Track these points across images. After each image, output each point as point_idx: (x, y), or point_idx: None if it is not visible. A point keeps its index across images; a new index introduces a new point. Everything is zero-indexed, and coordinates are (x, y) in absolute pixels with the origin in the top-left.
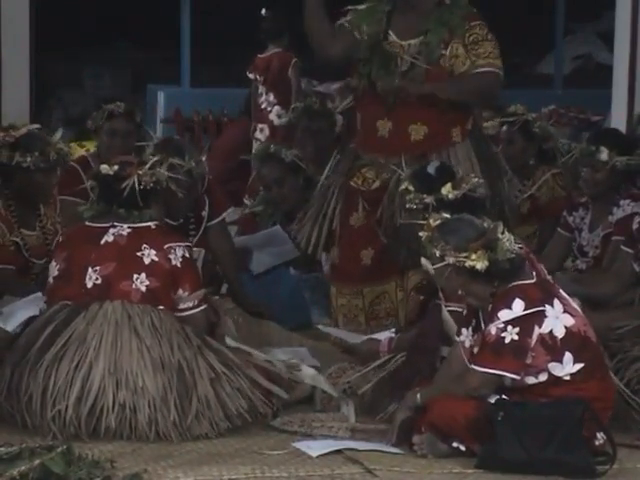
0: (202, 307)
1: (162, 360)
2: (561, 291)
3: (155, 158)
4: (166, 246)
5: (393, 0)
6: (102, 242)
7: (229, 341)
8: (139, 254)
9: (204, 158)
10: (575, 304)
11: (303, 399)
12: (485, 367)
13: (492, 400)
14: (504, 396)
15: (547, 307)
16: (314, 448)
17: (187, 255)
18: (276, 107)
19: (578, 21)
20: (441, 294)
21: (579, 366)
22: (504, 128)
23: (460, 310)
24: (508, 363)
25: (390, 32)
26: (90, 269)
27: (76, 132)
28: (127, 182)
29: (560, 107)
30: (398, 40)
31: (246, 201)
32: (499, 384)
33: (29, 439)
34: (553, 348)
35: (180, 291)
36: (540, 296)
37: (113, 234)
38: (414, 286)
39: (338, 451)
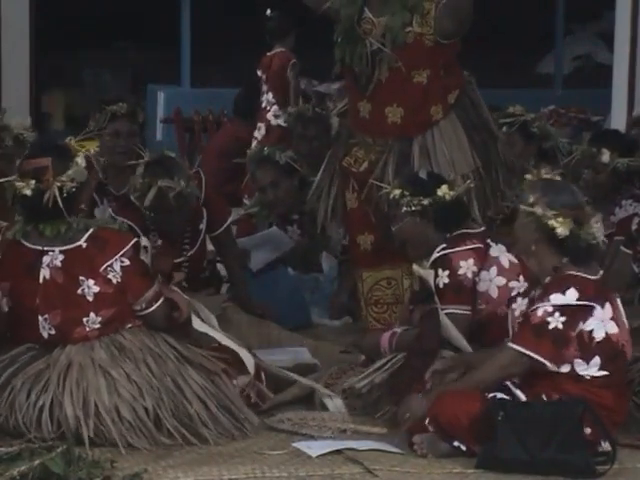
0: (153, 307)
1: (142, 386)
2: (617, 300)
3: (72, 170)
4: (102, 269)
5: None
6: (41, 279)
7: (197, 325)
8: (80, 292)
9: (199, 159)
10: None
11: (303, 398)
12: (522, 346)
13: (498, 396)
14: (516, 390)
15: (597, 307)
16: (314, 448)
17: (126, 263)
18: (274, 107)
19: (578, 21)
20: (436, 298)
21: (603, 372)
22: (503, 129)
23: (459, 312)
24: (546, 349)
25: (365, 8)
26: (40, 318)
27: (76, 132)
28: (47, 195)
29: (560, 107)
30: (372, 17)
31: (246, 201)
32: (529, 367)
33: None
34: (586, 348)
35: (130, 298)
36: (594, 294)
37: (48, 266)
38: (410, 298)
39: (338, 451)
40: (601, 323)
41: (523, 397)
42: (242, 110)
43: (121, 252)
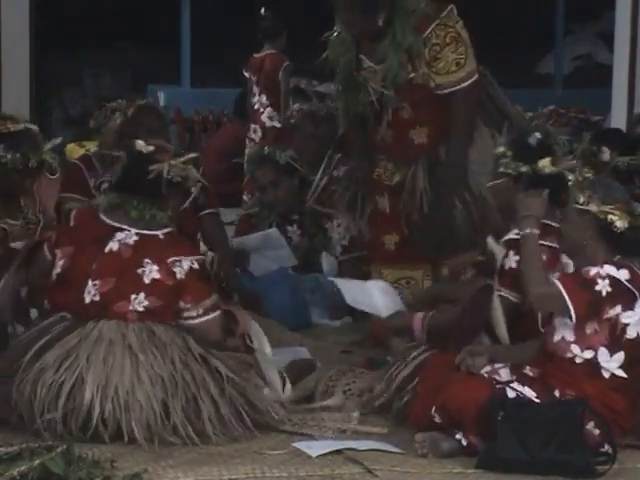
0: (209, 316)
1: (162, 375)
2: None
3: (192, 155)
4: (170, 260)
5: (345, 25)
6: (106, 249)
7: (260, 356)
8: (140, 271)
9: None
10: None
11: (303, 398)
12: (564, 286)
13: (509, 393)
14: (526, 387)
15: (639, 303)
16: (314, 448)
17: (195, 267)
18: (268, 109)
19: (578, 21)
20: (497, 277)
21: (622, 374)
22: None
23: (511, 298)
24: (581, 302)
25: (363, 57)
26: (90, 282)
27: (76, 132)
28: (157, 166)
29: (560, 107)
30: (373, 65)
31: (245, 197)
32: (559, 313)
33: (29, 439)
34: (615, 338)
35: (182, 303)
36: None
37: (119, 241)
38: (473, 262)
39: (338, 451)
40: (638, 321)
41: (533, 394)
42: (242, 110)
43: (195, 257)
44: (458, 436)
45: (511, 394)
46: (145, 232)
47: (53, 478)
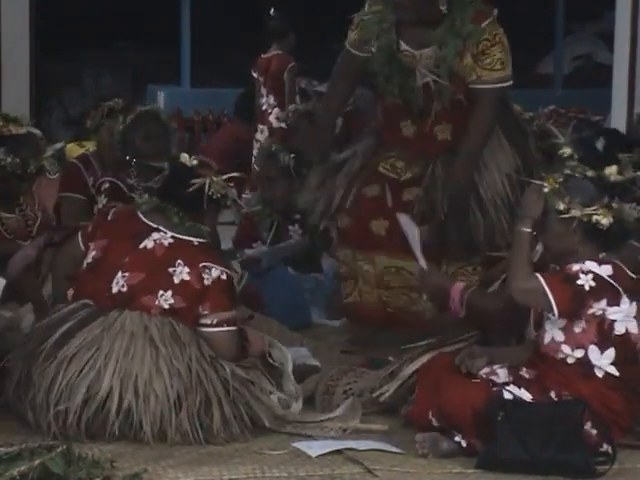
0: (223, 328)
1: (179, 369)
2: None
3: (235, 174)
4: (201, 264)
5: (397, 8)
6: (141, 246)
7: (283, 372)
8: (171, 270)
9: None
10: None
11: (304, 399)
12: (546, 281)
13: (506, 395)
14: (522, 389)
15: (625, 299)
16: (314, 448)
17: (223, 277)
18: (275, 109)
19: (578, 21)
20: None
21: (615, 371)
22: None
23: None
24: (563, 297)
25: (401, 42)
26: (120, 273)
27: (76, 132)
28: (199, 181)
29: (560, 107)
30: (411, 50)
31: (246, 195)
32: (541, 307)
33: (29, 439)
34: (604, 335)
35: (200, 308)
36: (627, 286)
37: (154, 240)
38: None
39: (338, 451)
40: (625, 317)
41: (529, 396)
42: (242, 110)
43: (225, 268)
44: (457, 438)
45: (507, 397)
46: (181, 237)
47: (53, 478)
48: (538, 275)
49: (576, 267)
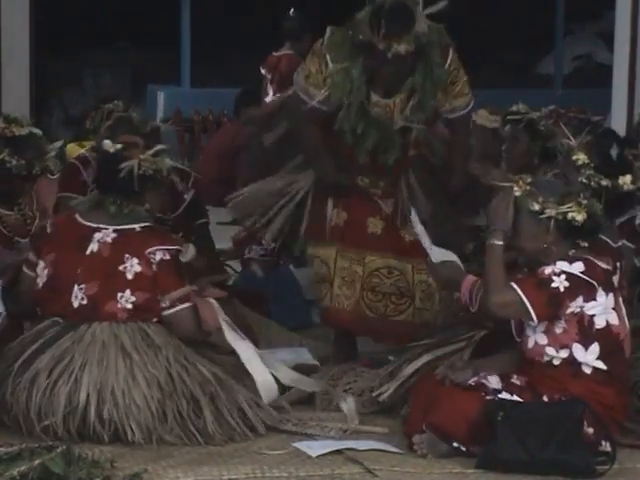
0: (177, 308)
1: (157, 376)
2: (621, 296)
3: (161, 146)
4: (147, 251)
5: (366, 54)
6: (87, 252)
7: (230, 339)
8: (122, 268)
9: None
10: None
11: (304, 399)
12: (521, 289)
13: (498, 397)
14: (514, 396)
15: (601, 292)
16: (314, 448)
17: (166, 258)
18: None
19: (578, 21)
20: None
21: (602, 365)
22: (507, 127)
23: None
24: (539, 302)
25: (372, 93)
26: (76, 287)
27: (76, 132)
28: (127, 164)
29: (560, 107)
30: (383, 99)
31: None
32: (520, 316)
33: (29, 439)
34: (586, 332)
35: (158, 295)
36: (601, 279)
37: (98, 241)
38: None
39: (338, 451)
40: (603, 310)
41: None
42: (242, 110)
43: (167, 247)
44: (455, 444)
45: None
46: (122, 227)
47: (53, 478)
48: (513, 284)
49: (548, 270)
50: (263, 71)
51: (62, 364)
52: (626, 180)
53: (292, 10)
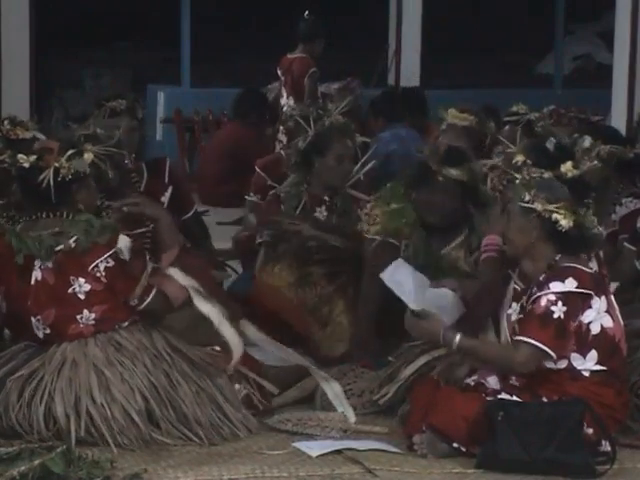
0: (146, 301)
1: (137, 385)
2: (612, 295)
3: (73, 151)
4: (90, 268)
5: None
6: (32, 281)
7: (201, 306)
8: (71, 291)
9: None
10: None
11: (304, 398)
12: (533, 339)
13: (498, 397)
14: (514, 397)
15: (595, 298)
16: (314, 448)
17: (109, 265)
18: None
19: (578, 21)
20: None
21: (600, 368)
22: (506, 128)
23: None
24: (549, 339)
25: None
26: (33, 319)
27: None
28: (44, 175)
29: (560, 107)
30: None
31: (252, 197)
32: (542, 361)
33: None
34: (583, 340)
35: (122, 299)
36: (592, 285)
37: (40, 267)
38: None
39: (338, 451)
40: (598, 315)
41: None
42: (242, 111)
43: (106, 254)
44: (455, 444)
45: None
46: (57, 248)
47: (53, 478)
48: (521, 338)
49: (543, 302)
50: (279, 72)
51: (32, 384)
52: (568, 167)
53: (307, 12)
